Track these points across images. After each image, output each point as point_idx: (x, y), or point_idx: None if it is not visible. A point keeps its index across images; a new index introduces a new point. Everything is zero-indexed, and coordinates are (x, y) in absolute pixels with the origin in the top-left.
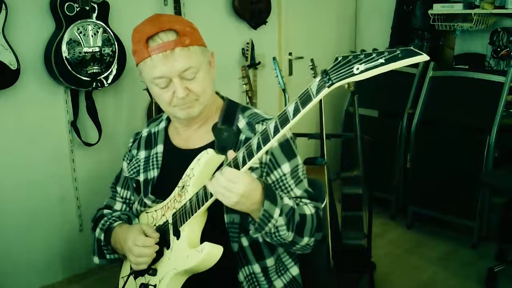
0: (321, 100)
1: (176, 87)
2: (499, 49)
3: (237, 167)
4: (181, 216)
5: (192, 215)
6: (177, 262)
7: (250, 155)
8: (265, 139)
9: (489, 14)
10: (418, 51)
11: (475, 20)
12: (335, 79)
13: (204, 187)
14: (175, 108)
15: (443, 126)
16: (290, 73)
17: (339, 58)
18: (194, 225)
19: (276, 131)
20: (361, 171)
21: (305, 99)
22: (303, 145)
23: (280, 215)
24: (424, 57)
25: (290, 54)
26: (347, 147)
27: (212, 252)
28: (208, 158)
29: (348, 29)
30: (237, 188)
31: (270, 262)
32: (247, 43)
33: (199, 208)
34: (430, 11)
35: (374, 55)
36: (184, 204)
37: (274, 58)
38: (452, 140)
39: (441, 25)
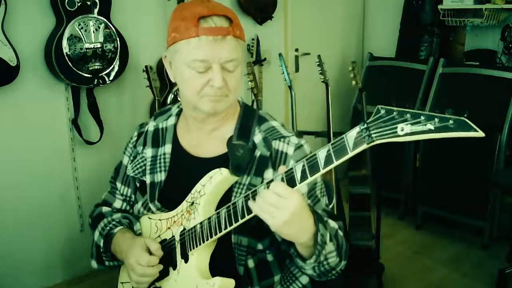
0: (328, 97)
1: (215, 75)
2: (510, 45)
3: (291, 182)
4: (190, 239)
5: (203, 242)
6: None
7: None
8: (291, 180)
9: (501, 9)
10: (473, 125)
11: (486, 16)
12: (376, 136)
13: (218, 213)
14: (203, 98)
15: None
16: (297, 70)
17: (381, 111)
18: (203, 251)
19: (304, 177)
20: (369, 170)
21: (340, 150)
22: (310, 143)
23: (331, 240)
24: (479, 134)
25: (296, 50)
26: None
27: (223, 287)
28: (221, 179)
29: (355, 25)
30: (287, 204)
31: (277, 278)
32: (252, 39)
33: (211, 237)
34: (440, 6)
35: (422, 117)
36: (194, 227)
37: (280, 55)
38: (462, 139)
39: (451, 21)
